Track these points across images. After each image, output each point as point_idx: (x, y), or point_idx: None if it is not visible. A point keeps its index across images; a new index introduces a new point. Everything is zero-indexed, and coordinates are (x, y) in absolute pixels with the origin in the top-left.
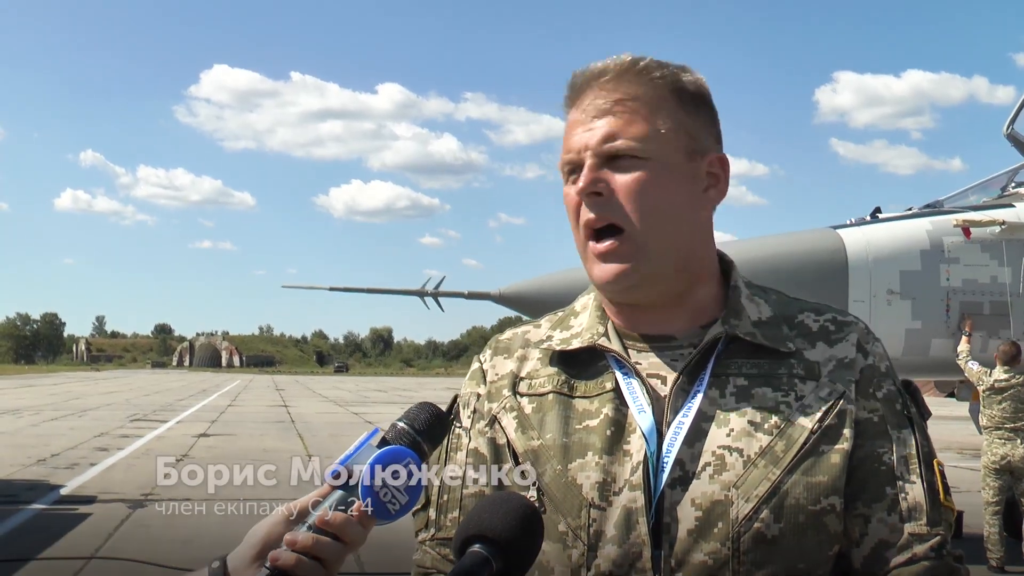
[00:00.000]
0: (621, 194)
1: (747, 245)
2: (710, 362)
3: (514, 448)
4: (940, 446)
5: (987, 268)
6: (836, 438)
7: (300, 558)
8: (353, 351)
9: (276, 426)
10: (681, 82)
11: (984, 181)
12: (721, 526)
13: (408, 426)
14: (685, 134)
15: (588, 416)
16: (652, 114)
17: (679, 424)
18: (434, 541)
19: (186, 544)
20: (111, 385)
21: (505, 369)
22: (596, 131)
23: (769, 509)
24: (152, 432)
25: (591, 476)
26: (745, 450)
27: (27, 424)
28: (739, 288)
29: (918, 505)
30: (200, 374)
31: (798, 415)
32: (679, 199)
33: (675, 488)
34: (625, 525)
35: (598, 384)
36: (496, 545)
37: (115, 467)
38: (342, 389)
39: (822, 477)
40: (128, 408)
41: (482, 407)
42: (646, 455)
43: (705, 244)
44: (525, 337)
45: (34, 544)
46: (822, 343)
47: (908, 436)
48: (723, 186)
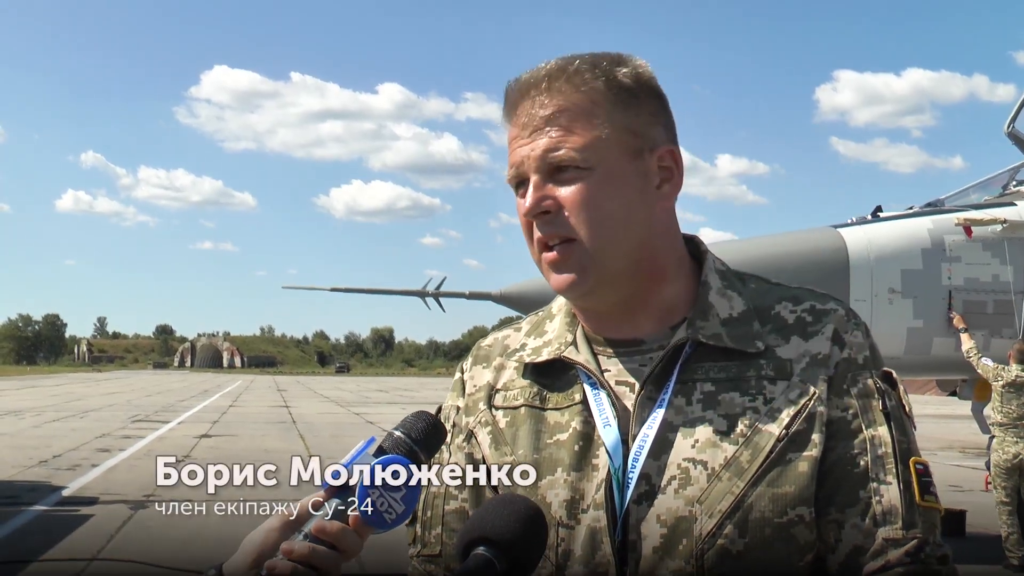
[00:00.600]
0: (568, 207)
1: (748, 244)
2: (675, 369)
3: (488, 463)
4: (943, 445)
5: (989, 267)
6: (804, 444)
7: (296, 567)
8: (354, 351)
9: (278, 427)
10: (617, 79)
11: (985, 179)
12: (685, 543)
13: (405, 435)
14: (628, 133)
15: (559, 429)
16: (589, 120)
17: (644, 436)
18: (420, 558)
19: (187, 545)
20: (112, 386)
21: (482, 380)
22: (536, 146)
23: (733, 524)
24: (154, 433)
25: (559, 494)
26: (709, 462)
27: (29, 425)
28: (708, 283)
29: (892, 508)
30: (201, 375)
31: (766, 421)
32: (629, 202)
33: (641, 504)
34: (591, 545)
35: (568, 396)
36: (500, 547)
37: (117, 468)
38: (343, 389)
39: (788, 488)
40: (130, 409)
41: (460, 421)
42: (610, 471)
43: (664, 240)
44: (504, 343)
45: (36, 545)
46: (796, 337)
47: (884, 433)
48: (677, 179)
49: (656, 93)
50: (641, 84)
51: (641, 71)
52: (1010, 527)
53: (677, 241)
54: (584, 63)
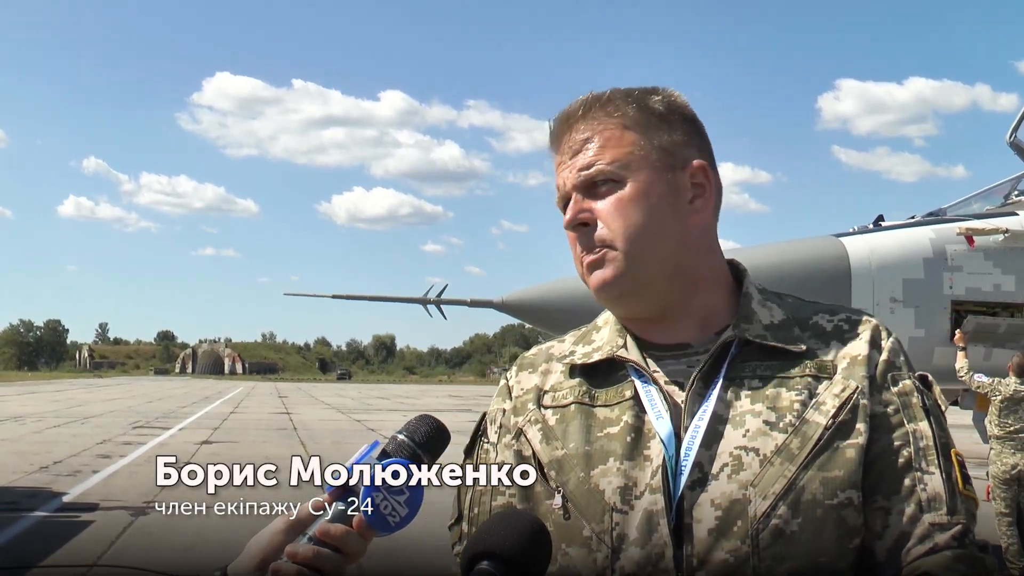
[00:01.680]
0: (603, 217)
1: (750, 253)
2: (723, 366)
3: (539, 459)
4: None
5: (991, 276)
6: (850, 432)
7: (301, 570)
8: (356, 358)
9: (279, 433)
10: (648, 105)
11: (987, 189)
12: (740, 524)
13: (408, 439)
14: (659, 151)
15: (609, 424)
16: (622, 139)
17: (696, 428)
18: None
19: (188, 551)
20: (114, 392)
21: (530, 383)
22: (574, 165)
23: (786, 505)
24: (155, 439)
25: (613, 481)
26: (761, 449)
27: (30, 431)
28: (751, 294)
29: (937, 495)
30: (203, 381)
31: (812, 413)
32: (660, 213)
33: (694, 489)
34: (647, 527)
35: (618, 392)
36: (503, 562)
37: (117, 474)
38: (345, 396)
39: (838, 472)
40: (130, 415)
41: (508, 421)
42: (665, 459)
43: (699, 253)
44: (549, 352)
45: (36, 551)
46: (836, 342)
47: (925, 428)
48: (710, 193)
49: (689, 118)
50: (673, 110)
51: (674, 98)
52: (1010, 538)
53: (715, 256)
54: (617, 93)
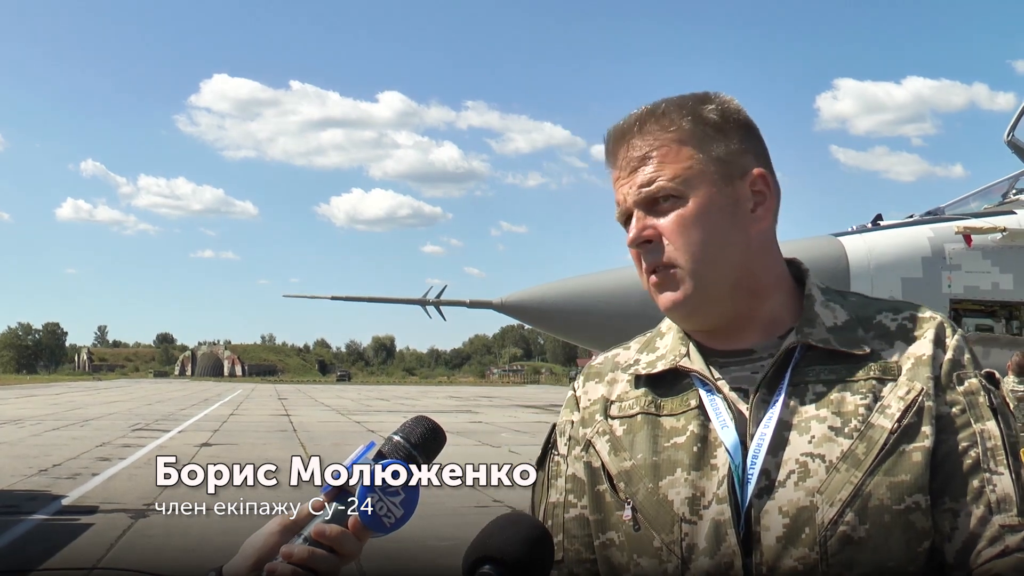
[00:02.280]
0: (667, 235)
1: None
2: (787, 372)
3: (608, 470)
4: None
5: (989, 275)
6: (916, 436)
7: (296, 570)
8: (355, 360)
9: (279, 435)
10: (703, 116)
11: (985, 188)
12: (808, 531)
13: (404, 440)
14: (717, 163)
15: (675, 434)
16: (679, 154)
17: (761, 435)
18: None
19: (188, 554)
20: (113, 395)
21: (596, 394)
22: (633, 182)
23: (853, 511)
24: (154, 442)
25: (681, 492)
26: (827, 455)
27: (28, 434)
28: (813, 296)
29: (1007, 496)
30: (202, 383)
31: (877, 416)
32: (723, 226)
33: (762, 498)
34: (715, 537)
35: (683, 402)
36: (505, 566)
37: (117, 477)
38: (344, 398)
39: (905, 476)
40: (130, 418)
41: (577, 433)
42: (731, 468)
43: (762, 260)
44: (615, 361)
45: (35, 555)
46: (900, 342)
47: (992, 427)
48: (771, 201)
49: (744, 124)
50: (727, 117)
51: (728, 106)
52: None
53: (776, 260)
54: (671, 106)
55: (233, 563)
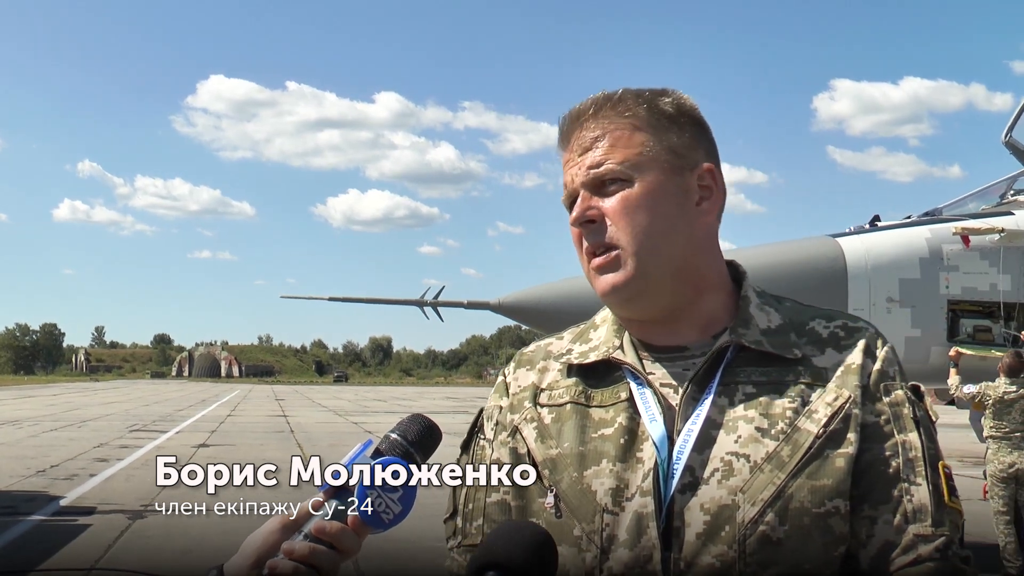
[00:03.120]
0: (611, 216)
1: (746, 253)
2: (719, 371)
3: (534, 457)
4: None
5: (986, 276)
6: (841, 442)
7: (297, 566)
8: (352, 361)
9: (276, 436)
10: (659, 106)
11: (983, 188)
12: (728, 529)
13: (401, 437)
14: (668, 152)
15: (604, 425)
16: (632, 139)
17: (688, 431)
18: (461, 548)
19: (186, 554)
20: (110, 395)
21: (527, 381)
22: (583, 164)
23: (774, 512)
24: (152, 442)
25: (605, 483)
26: (752, 456)
27: (26, 435)
28: (749, 298)
29: (923, 506)
30: (199, 384)
31: (804, 421)
32: (669, 213)
33: (685, 493)
34: (636, 529)
35: (613, 394)
36: (510, 572)
37: (114, 478)
38: (342, 399)
39: (827, 480)
40: (127, 419)
41: (504, 419)
42: (657, 462)
43: (705, 255)
44: (547, 350)
45: (33, 555)
46: (831, 349)
47: (915, 439)
48: (717, 196)
49: (697, 121)
50: (682, 112)
51: (683, 101)
52: (1007, 536)
53: (717, 258)
54: (628, 93)
55: (234, 561)
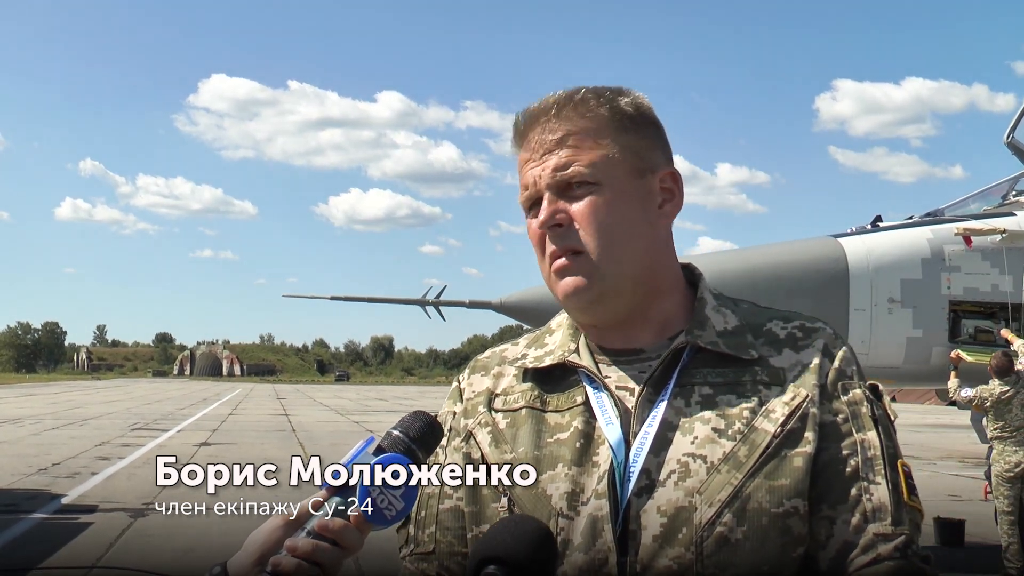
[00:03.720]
0: (578, 220)
1: (748, 254)
2: (675, 372)
3: (488, 462)
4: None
5: (988, 276)
6: (798, 441)
7: (300, 563)
8: (354, 360)
9: (277, 435)
10: (619, 107)
11: (985, 189)
12: (685, 531)
13: (403, 434)
14: (632, 154)
15: (559, 429)
16: (596, 141)
17: (644, 434)
18: (414, 556)
19: (188, 552)
20: (112, 394)
21: (481, 386)
22: (547, 165)
23: (732, 513)
24: (153, 441)
25: (560, 487)
26: (709, 456)
27: (28, 433)
28: (705, 299)
29: (882, 505)
30: (201, 383)
31: (761, 420)
32: (633, 217)
33: (641, 496)
34: (591, 533)
35: (569, 398)
36: (510, 566)
37: (116, 476)
38: (343, 398)
39: (784, 480)
40: (129, 417)
41: (458, 424)
42: (612, 465)
43: (664, 257)
44: (502, 355)
45: (35, 553)
46: (788, 349)
47: (873, 437)
48: (678, 199)
49: (654, 122)
50: (641, 113)
51: (641, 101)
52: (1011, 537)
53: (674, 261)
54: (589, 92)
55: (238, 557)
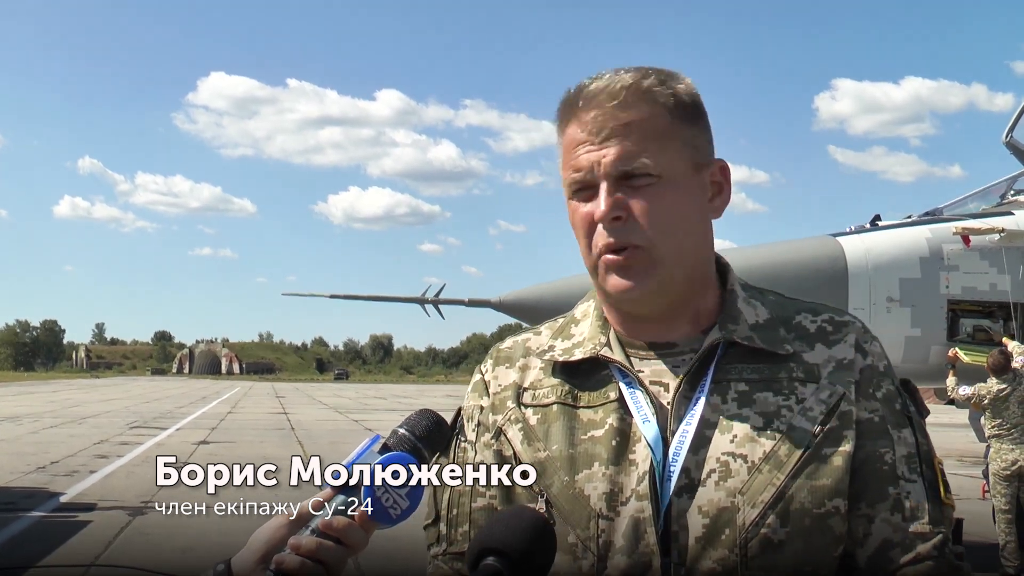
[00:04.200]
0: (639, 215)
1: (747, 253)
2: (710, 368)
3: (520, 460)
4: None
5: (987, 276)
6: (839, 440)
7: (304, 561)
8: (353, 358)
9: (276, 433)
10: (680, 96)
11: (984, 189)
12: (728, 533)
13: (409, 432)
14: (690, 147)
15: (593, 426)
16: (661, 133)
17: (683, 432)
18: (447, 556)
19: (186, 552)
20: (110, 392)
21: (508, 380)
22: (608, 152)
23: (775, 514)
24: (152, 439)
25: (598, 487)
26: (749, 456)
27: (27, 431)
28: (736, 292)
29: (920, 504)
30: (200, 381)
31: (800, 419)
32: (690, 212)
33: (682, 496)
34: (634, 535)
35: (602, 394)
36: (509, 558)
37: (115, 474)
38: (342, 396)
39: (826, 480)
40: (128, 415)
41: (486, 419)
42: (652, 464)
43: (710, 251)
44: (526, 346)
45: (33, 552)
46: (820, 344)
47: (908, 435)
48: (726, 193)
49: (705, 111)
50: (696, 103)
51: (694, 89)
52: (1008, 535)
53: (713, 253)
54: (655, 79)
55: (241, 555)
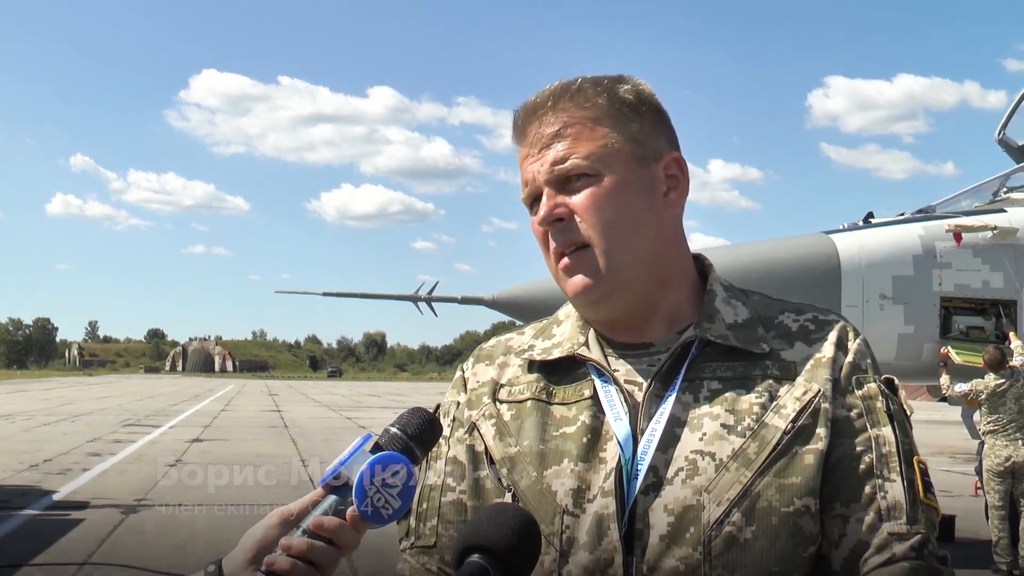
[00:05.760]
0: (580, 214)
1: (740, 250)
2: (683, 367)
3: (491, 455)
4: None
5: (979, 273)
6: (810, 438)
7: (295, 562)
8: (346, 356)
9: (269, 431)
10: (618, 95)
11: (976, 186)
12: (693, 531)
13: (401, 431)
14: (632, 143)
15: (565, 423)
16: (594, 131)
17: (652, 430)
18: (414, 549)
19: (179, 550)
20: (104, 390)
21: (486, 376)
22: (545, 159)
23: (740, 512)
24: (145, 437)
25: (566, 483)
26: (717, 454)
27: (20, 429)
28: (714, 291)
29: (897, 504)
30: (193, 379)
31: (772, 416)
32: (638, 208)
33: (648, 494)
34: (597, 531)
35: (576, 391)
36: (494, 555)
37: (108, 472)
38: (335, 394)
39: (795, 478)
40: (121, 413)
41: (462, 415)
42: (620, 462)
43: (672, 247)
44: (508, 344)
45: (26, 550)
46: (800, 343)
47: (888, 433)
48: (684, 186)
49: (656, 108)
50: (642, 99)
51: (641, 88)
52: (1000, 532)
53: (684, 251)
54: (586, 82)
55: (232, 556)
